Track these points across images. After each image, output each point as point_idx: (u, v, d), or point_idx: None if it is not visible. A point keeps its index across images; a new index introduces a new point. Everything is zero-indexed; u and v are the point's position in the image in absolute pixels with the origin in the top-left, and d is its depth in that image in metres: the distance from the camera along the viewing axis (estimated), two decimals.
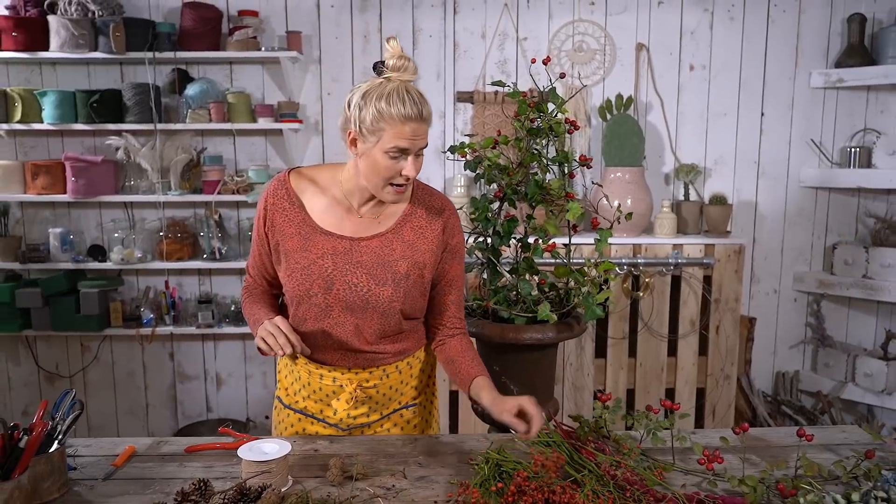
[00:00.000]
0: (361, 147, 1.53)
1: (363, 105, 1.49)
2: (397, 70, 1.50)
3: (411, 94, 1.49)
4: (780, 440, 1.69)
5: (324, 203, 1.63)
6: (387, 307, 1.62)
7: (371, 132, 1.49)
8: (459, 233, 1.71)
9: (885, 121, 3.54)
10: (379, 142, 1.49)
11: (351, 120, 1.52)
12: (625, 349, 3.38)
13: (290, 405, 1.76)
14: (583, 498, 1.25)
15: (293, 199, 1.63)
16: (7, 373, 3.71)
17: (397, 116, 1.47)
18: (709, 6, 3.50)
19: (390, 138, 1.48)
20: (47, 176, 3.36)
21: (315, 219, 1.63)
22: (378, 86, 1.50)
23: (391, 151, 1.49)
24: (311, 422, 1.74)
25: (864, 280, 3.45)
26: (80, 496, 1.41)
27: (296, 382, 1.74)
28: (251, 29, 3.34)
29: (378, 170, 1.52)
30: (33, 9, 3.26)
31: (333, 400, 1.70)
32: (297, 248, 1.61)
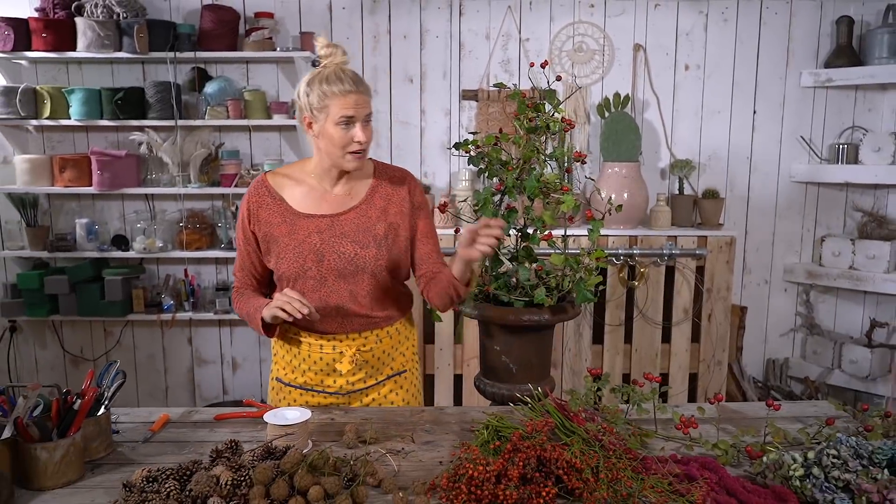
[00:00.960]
0: (316, 127, 1.77)
1: (309, 91, 1.75)
2: (328, 56, 1.77)
3: (346, 72, 1.75)
4: (755, 413, 1.85)
5: (301, 192, 1.86)
6: (374, 266, 1.84)
7: (320, 110, 1.74)
8: (422, 192, 1.96)
9: (872, 119, 3.67)
10: (328, 116, 1.74)
11: (303, 107, 1.77)
12: (621, 336, 3.54)
13: (290, 382, 1.94)
14: (570, 455, 1.41)
15: (273, 194, 1.86)
16: (34, 356, 3.89)
17: (338, 91, 1.71)
18: (703, 8, 3.63)
19: (337, 110, 1.72)
20: (74, 169, 3.51)
21: (296, 206, 1.85)
22: (318, 73, 1.76)
23: (340, 122, 1.73)
24: (312, 394, 1.92)
25: (850, 271, 3.59)
26: (124, 455, 1.57)
27: (294, 359, 1.92)
28: (267, 30, 3.47)
29: (334, 140, 1.75)
30: (61, 11, 3.40)
31: (337, 364, 1.89)
32: (285, 233, 1.83)
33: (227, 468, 1.33)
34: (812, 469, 1.34)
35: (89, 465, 1.51)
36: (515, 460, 1.33)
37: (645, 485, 1.32)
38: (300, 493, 1.29)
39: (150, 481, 1.33)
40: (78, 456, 1.45)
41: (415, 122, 3.73)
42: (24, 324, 3.81)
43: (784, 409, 1.85)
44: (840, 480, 1.31)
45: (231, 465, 1.34)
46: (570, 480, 1.32)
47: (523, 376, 2.03)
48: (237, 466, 1.34)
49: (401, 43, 3.66)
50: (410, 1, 3.63)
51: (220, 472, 1.32)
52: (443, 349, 3.52)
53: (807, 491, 1.32)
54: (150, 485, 1.32)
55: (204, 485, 1.28)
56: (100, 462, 1.53)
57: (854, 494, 1.29)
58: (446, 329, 3.49)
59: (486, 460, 1.34)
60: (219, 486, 1.29)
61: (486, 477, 1.29)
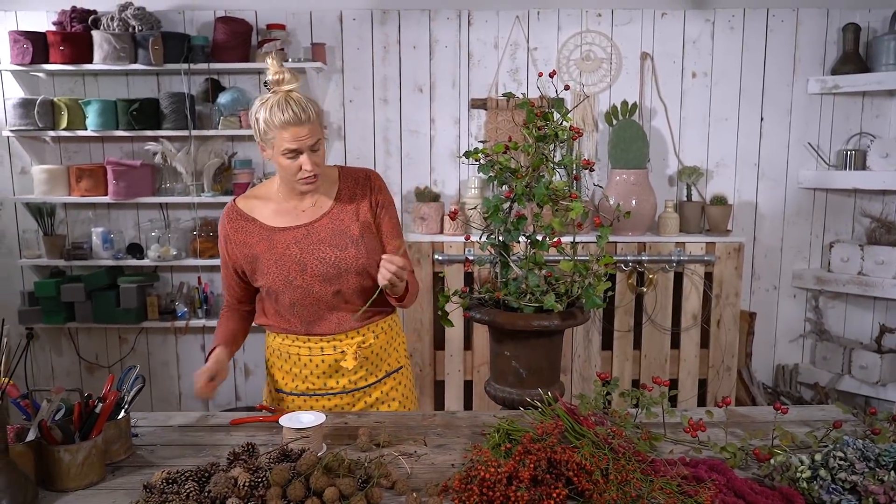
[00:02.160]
0: (268, 154, 1.81)
1: (257, 120, 1.76)
2: (278, 84, 1.74)
3: (290, 103, 1.71)
4: (763, 416, 1.86)
5: (271, 209, 1.91)
6: (356, 265, 1.88)
7: (266, 141, 1.77)
8: (386, 191, 1.99)
9: (879, 125, 3.68)
10: (275, 147, 1.76)
11: (256, 133, 1.79)
12: (630, 342, 3.56)
13: (292, 391, 1.98)
14: (580, 457, 1.44)
15: (245, 216, 1.91)
16: (50, 363, 3.95)
17: (279, 124, 1.71)
18: (710, 17, 3.66)
19: (280, 142, 1.74)
20: (90, 179, 3.57)
21: (269, 223, 1.90)
22: (265, 101, 1.75)
23: (286, 154, 1.75)
24: (316, 399, 1.97)
25: (859, 277, 3.60)
26: (143, 458, 1.61)
27: (294, 367, 1.97)
28: (279, 41, 3.51)
29: (284, 169, 1.79)
30: (78, 24, 3.47)
31: (342, 362, 1.94)
32: (265, 249, 1.88)
33: (244, 470, 1.37)
34: (819, 471, 1.36)
35: (110, 466, 1.55)
36: (526, 462, 1.35)
37: (654, 486, 1.34)
38: (316, 494, 1.32)
39: (169, 483, 1.36)
40: (99, 458, 1.49)
41: (424, 131, 3.77)
42: (41, 331, 3.86)
43: (792, 412, 1.86)
44: (847, 482, 1.33)
45: (248, 467, 1.38)
46: (580, 482, 1.35)
47: (533, 381, 2.06)
48: (254, 468, 1.37)
49: (410, 53, 3.71)
50: (420, 11, 3.68)
51: (237, 474, 1.35)
52: (453, 355, 3.55)
53: (814, 493, 1.34)
54: (169, 486, 1.35)
55: (222, 486, 1.31)
56: (120, 464, 1.57)
57: (861, 496, 1.30)
58: (456, 335, 3.52)
59: (498, 462, 1.37)
60: (237, 488, 1.32)
61: (498, 478, 1.31)
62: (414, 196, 3.70)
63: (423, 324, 3.51)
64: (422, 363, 3.55)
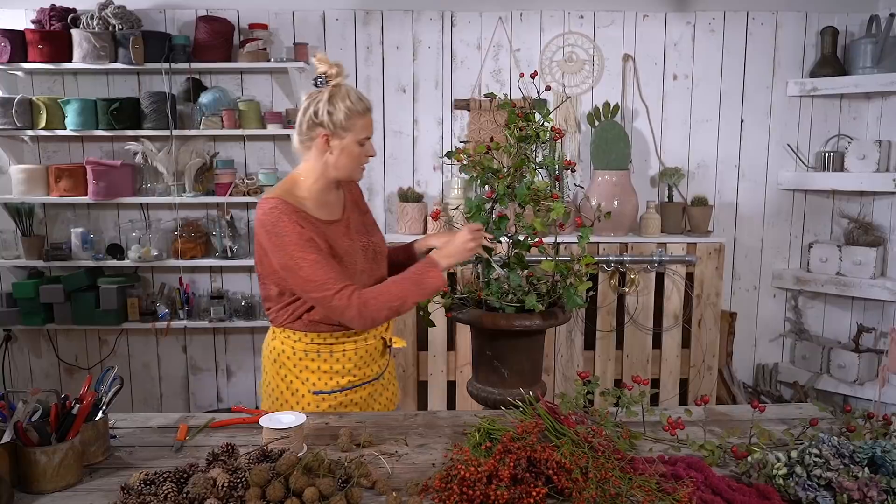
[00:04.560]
0: (336, 143, 1.84)
1: (332, 109, 1.81)
2: (340, 76, 1.84)
3: (359, 92, 1.87)
4: (742, 415, 1.88)
5: (310, 205, 1.89)
6: (383, 248, 2.03)
7: (345, 129, 1.82)
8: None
9: (857, 127, 3.73)
10: (352, 133, 1.83)
11: (324, 124, 1.82)
12: (612, 342, 3.58)
13: (333, 389, 1.96)
14: (559, 455, 1.45)
15: (299, 211, 1.85)
16: (29, 364, 3.90)
17: (362, 110, 1.84)
18: (691, 19, 3.69)
19: (361, 129, 1.85)
20: (69, 179, 3.53)
21: (320, 218, 1.90)
22: (337, 91, 1.82)
23: (362, 140, 1.86)
24: (355, 391, 1.98)
25: (837, 277, 3.65)
26: (122, 460, 1.60)
27: (335, 365, 1.95)
28: (261, 41, 3.51)
29: (354, 157, 1.88)
30: (57, 23, 3.43)
31: (394, 344, 2.06)
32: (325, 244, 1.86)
33: (223, 471, 1.36)
34: (795, 468, 1.38)
35: (88, 469, 1.53)
36: (506, 461, 1.36)
37: (633, 484, 1.35)
38: (295, 495, 1.32)
39: (147, 484, 1.35)
40: (76, 460, 1.47)
41: (407, 132, 3.77)
42: (20, 332, 3.82)
43: (770, 411, 1.88)
44: (822, 479, 1.35)
45: (227, 468, 1.37)
46: (559, 480, 1.35)
47: (515, 381, 2.06)
48: (234, 469, 1.36)
49: (394, 53, 3.71)
50: (403, 12, 3.68)
51: (216, 475, 1.34)
52: (436, 356, 3.55)
53: (790, 489, 1.36)
54: (147, 487, 1.34)
55: (201, 487, 1.31)
56: (98, 466, 1.55)
57: (835, 492, 1.32)
58: (440, 335, 3.52)
59: (478, 461, 1.37)
60: (216, 488, 1.32)
61: (478, 477, 1.32)
62: (397, 196, 3.70)
63: (407, 324, 3.51)
64: (405, 363, 3.55)
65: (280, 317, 1.95)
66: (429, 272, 1.86)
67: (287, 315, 1.93)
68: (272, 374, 2.00)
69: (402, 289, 1.84)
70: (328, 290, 1.78)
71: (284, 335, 1.96)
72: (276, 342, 1.98)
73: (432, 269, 1.86)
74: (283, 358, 1.96)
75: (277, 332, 1.98)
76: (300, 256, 1.79)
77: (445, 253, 1.90)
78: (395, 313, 1.86)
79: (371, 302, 1.80)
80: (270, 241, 1.82)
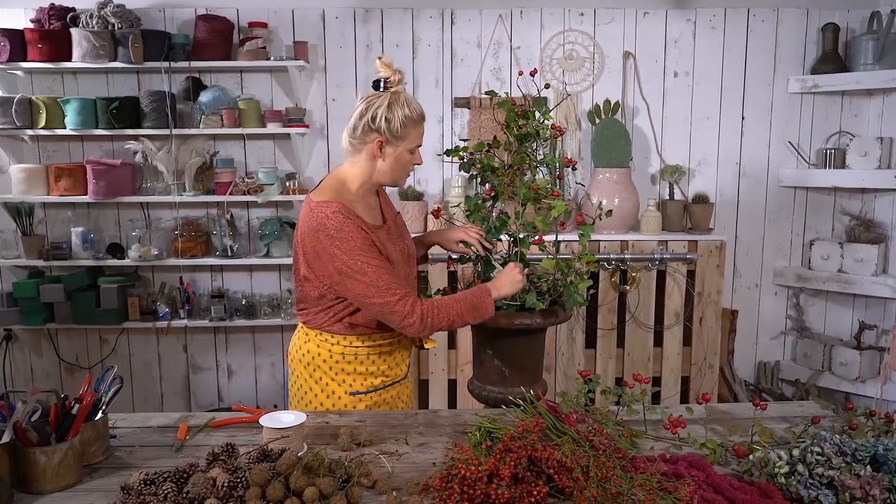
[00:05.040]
0: (389, 150, 1.85)
1: (391, 116, 1.81)
2: (399, 83, 1.84)
3: (416, 101, 1.88)
4: (743, 413, 1.88)
5: (359, 210, 1.88)
6: (414, 250, 2.07)
7: (400, 137, 1.84)
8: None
9: (858, 124, 3.72)
10: (406, 142, 1.85)
11: (380, 130, 1.82)
12: (613, 340, 3.57)
13: (369, 389, 1.97)
14: (560, 454, 1.44)
15: (355, 216, 1.84)
16: (30, 364, 3.90)
17: (418, 119, 1.86)
18: (691, 17, 3.68)
19: (415, 137, 1.87)
20: (69, 178, 3.53)
21: (369, 222, 1.89)
22: (396, 98, 1.83)
23: (415, 148, 1.89)
24: (387, 391, 2.00)
25: (839, 274, 3.64)
26: (122, 459, 1.60)
27: (371, 365, 1.97)
28: (260, 39, 3.50)
29: (403, 164, 1.89)
30: (57, 22, 3.43)
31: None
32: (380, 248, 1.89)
33: (223, 470, 1.36)
34: (797, 466, 1.38)
35: (87, 468, 1.53)
36: (507, 460, 1.35)
37: (634, 483, 1.35)
38: (296, 495, 1.31)
39: (147, 484, 1.35)
40: (76, 460, 1.47)
41: None
42: (20, 332, 3.82)
43: (771, 409, 1.88)
44: (824, 477, 1.34)
45: (227, 468, 1.37)
46: (560, 480, 1.35)
47: (516, 379, 2.06)
48: (233, 469, 1.36)
49: (393, 51, 3.70)
50: (403, 10, 3.67)
51: (216, 475, 1.34)
52: (437, 354, 3.55)
53: (791, 488, 1.35)
54: (147, 487, 1.34)
55: (201, 487, 1.30)
56: (98, 466, 1.55)
57: (837, 490, 1.32)
58: (440, 334, 3.51)
59: (479, 460, 1.37)
60: (215, 488, 1.31)
61: (479, 477, 1.31)
62: (398, 195, 3.69)
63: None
64: None
65: (316, 319, 1.93)
66: (484, 299, 1.89)
67: (327, 318, 1.92)
68: (304, 377, 1.98)
69: (462, 309, 1.86)
70: (393, 294, 1.79)
71: (321, 338, 1.95)
72: (310, 345, 1.97)
73: (487, 296, 1.89)
74: (318, 361, 1.96)
75: (312, 334, 1.96)
76: (365, 261, 1.79)
77: (497, 284, 1.93)
78: (448, 328, 1.89)
79: (434, 313, 1.83)
80: (332, 244, 1.79)
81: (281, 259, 3.64)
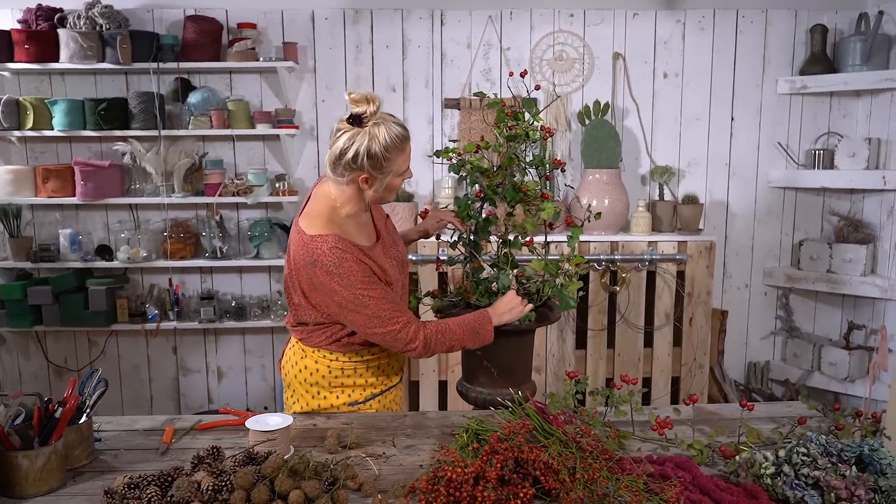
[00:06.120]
0: (377, 183, 1.80)
1: (374, 152, 1.73)
2: (375, 113, 1.75)
3: (397, 122, 1.79)
4: (731, 413, 1.89)
5: (352, 233, 1.84)
6: (407, 256, 2.07)
7: (385, 170, 1.77)
8: None
9: (847, 125, 3.74)
10: (394, 171, 1.79)
11: (363, 168, 1.75)
12: (604, 340, 3.57)
13: (368, 398, 1.98)
14: (547, 456, 1.44)
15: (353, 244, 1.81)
16: (18, 366, 3.87)
17: (402, 144, 1.78)
18: (681, 18, 3.69)
19: (402, 162, 1.81)
20: (57, 180, 3.51)
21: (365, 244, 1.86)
22: (377, 130, 1.73)
23: (403, 171, 1.84)
24: (385, 395, 2.01)
25: (828, 274, 3.65)
26: (106, 463, 1.59)
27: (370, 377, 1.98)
28: (250, 40, 3.49)
29: (393, 188, 1.85)
30: (44, 23, 3.41)
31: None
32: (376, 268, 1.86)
33: (208, 474, 1.35)
34: (783, 467, 1.38)
35: (71, 472, 1.52)
36: (493, 462, 1.35)
37: (620, 485, 1.35)
38: (281, 498, 1.31)
39: (131, 488, 1.34)
40: (60, 464, 1.46)
41: None
42: (8, 335, 3.79)
43: (759, 409, 1.89)
44: (810, 478, 1.35)
45: (212, 471, 1.36)
46: (547, 481, 1.35)
47: (505, 381, 2.05)
48: (218, 472, 1.35)
49: (383, 52, 3.70)
50: (392, 11, 3.66)
51: (201, 478, 1.33)
52: None
53: (777, 488, 1.35)
54: (131, 491, 1.33)
55: (185, 490, 1.30)
56: (82, 470, 1.54)
57: (823, 491, 1.32)
58: None
59: (465, 462, 1.36)
60: (200, 492, 1.31)
61: (465, 479, 1.31)
62: None
63: None
64: None
65: (313, 338, 1.93)
66: (485, 325, 1.89)
67: (324, 337, 1.91)
68: (301, 392, 1.97)
69: (463, 334, 1.87)
70: (395, 324, 1.79)
71: (319, 354, 1.94)
72: (307, 361, 1.95)
73: (488, 323, 1.89)
74: (317, 377, 1.95)
75: (309, 351, 1.95)
76: (366, 294, 1.76)
77: (498, 311, 1.92)
78: (448, 351, 1.90)
79: (435, 338, 1.84)
80: (331, 280, 1.75)
81: (271, 261, 3.63)
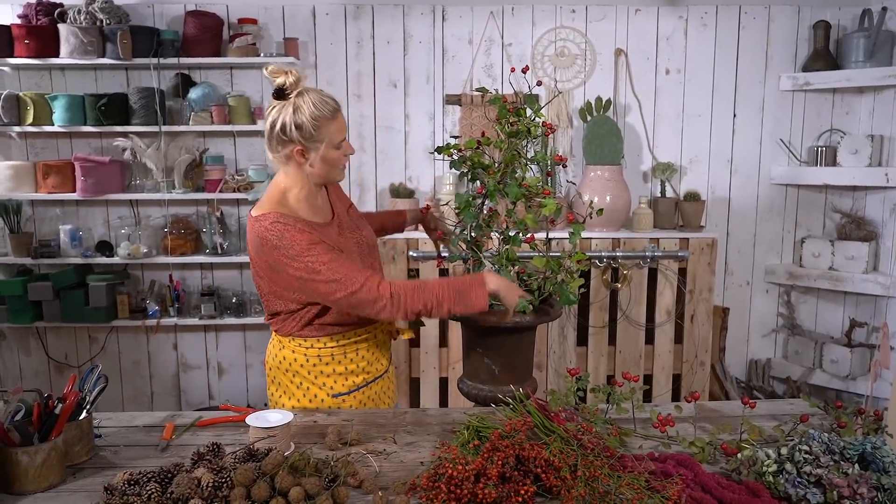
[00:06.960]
0: (312, 155, 1.80)
1: (300, 121, 1.75)
2: (297, 84, 1.77)
3: (324, 93, 1.80)
4: (733, 411, 1.88)
5: (303, 212, 1.84)
6: (374, 241, 2.05)
7: (317, 139, 1.78)
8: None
9: (849, 121, 3.73)
10: (326, 140, 1.79)
11: (294, 139, 1.77)
12: (605, 337, 3.57)
13: (351, 389, 1.95)
14: (548, 453, 1.43)
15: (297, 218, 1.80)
16: (18, 363, 3.87)
17: (331, 114, 1.78)
18: (683, 13, 3.68)
19: (335, 132, 1.80)
20: (57, 176, 3.51)
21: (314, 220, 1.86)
22: (301, 100, 1.75)
23: (338, 143, 1.81)
24: (370, 387, 1.99)
25: (830, 272, 3.64)
26: (106, 459, 1.58)
27: (350, 364, 1.95)
28: (250, 36, 3.48)
29: (333, 161, 1.83)
30: (44, 18, 3.40)
31: (402, 335, 2.08)
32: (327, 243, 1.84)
33: (208, 470, 1.34)
34: (785, 465, 1.37)
35: (71, 469, 1.51)
36: (494, 459, 1.35)
37: (622, 482, 1.34)
38: (281, 495, 1.30)
39: (131, 484, 1.33)
40: (59, 460, 1.45)
41: (399, 127, 3.75)
42: (8, 331, 3.79)
43: (761, 407, 1.88)
44: (812, 475, 1.34)
45: (212, 468, 1.35)
46: (548, 479, 1.34)
47: (506, 378, 2.05)
48: (218, 468, 1.35)
49: (384, 48, 3.68)
50: (394, 7, 3.65)
51: (201, 475, 1.33)
52: (428, 352, 3.54)
53: (779, 486, 1.35)
54: (131, 487, 1.32)
55: (185, 487, 1.29)
56: (82, 466, 1.54)
57: (825, 489, 1.31)
58: (432, 332, 3.51)
59: (466, 459, 1.36)
60: (200, 488, 1.30)
61: (466, 476, 1.30)
62: (389, 192, 3.68)
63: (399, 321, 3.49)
64: (397, 360, 3.53)
65: (286, 327, 1.92)
66: (475, 288, 1.76)
67: (294, 323, 1.90)
68: (286, 384, 1.96)
69: (443, 294, 1.74)
70: (353, 284, 1.72)
71: (295, 343, 1.93)
72: (285, 352, 1.95)
73: (479, 287, 1.77)
74: (296, 367, 1.93)
75: (286, 341, 1.94)
76: (314, 260, 1.73)
77: (495, 280, 1.80)
78: (428, 313, 1.75)
79: (406, 294, 1.73)
80: (279, 255, 1.75)
81: None
